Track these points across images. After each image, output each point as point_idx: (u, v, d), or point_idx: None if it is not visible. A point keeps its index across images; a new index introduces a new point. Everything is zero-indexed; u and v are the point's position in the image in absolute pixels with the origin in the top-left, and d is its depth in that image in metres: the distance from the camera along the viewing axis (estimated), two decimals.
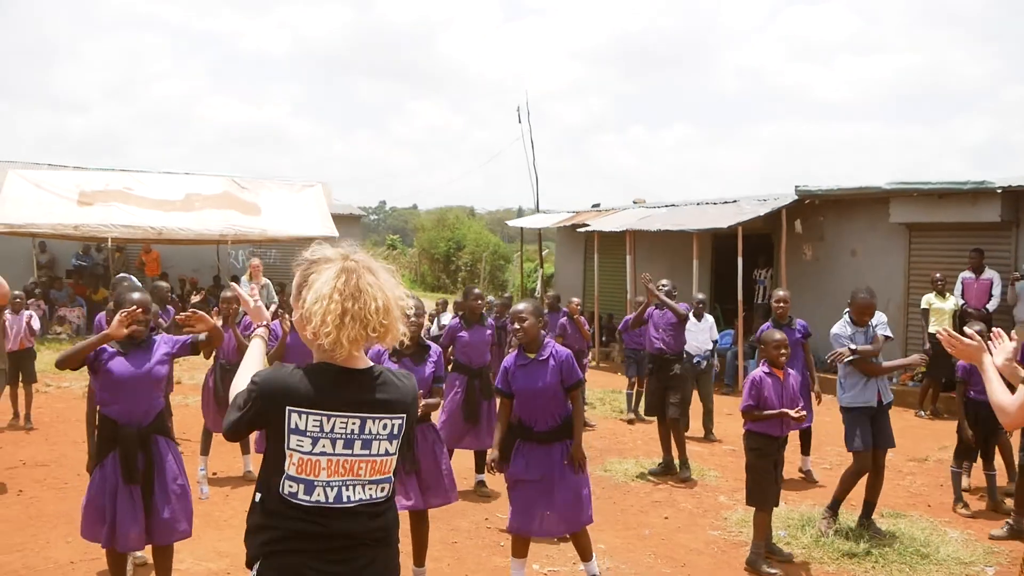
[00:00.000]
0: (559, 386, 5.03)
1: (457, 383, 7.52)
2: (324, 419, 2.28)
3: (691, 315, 10.19)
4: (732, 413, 10.17)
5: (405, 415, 2.41)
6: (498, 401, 5.31)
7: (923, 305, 11.84)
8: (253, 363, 2.58)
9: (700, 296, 10.52)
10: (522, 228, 22.43)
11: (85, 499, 4.29)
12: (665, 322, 8.53)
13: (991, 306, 11.33)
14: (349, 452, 2.31)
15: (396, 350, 5.05)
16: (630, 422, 11.12)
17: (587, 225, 17.25)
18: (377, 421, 2.35)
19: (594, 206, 21.08)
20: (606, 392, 13.15)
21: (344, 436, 2.30)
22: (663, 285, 8.74)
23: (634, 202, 20.91)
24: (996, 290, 11.40)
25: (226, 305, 7.69)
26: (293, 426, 2.27)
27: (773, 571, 5.63)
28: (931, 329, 11.44)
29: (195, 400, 9.67)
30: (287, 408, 2.27)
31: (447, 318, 13.56)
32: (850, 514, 6.60)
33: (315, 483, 2.28)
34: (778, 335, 5.88)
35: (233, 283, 9.66)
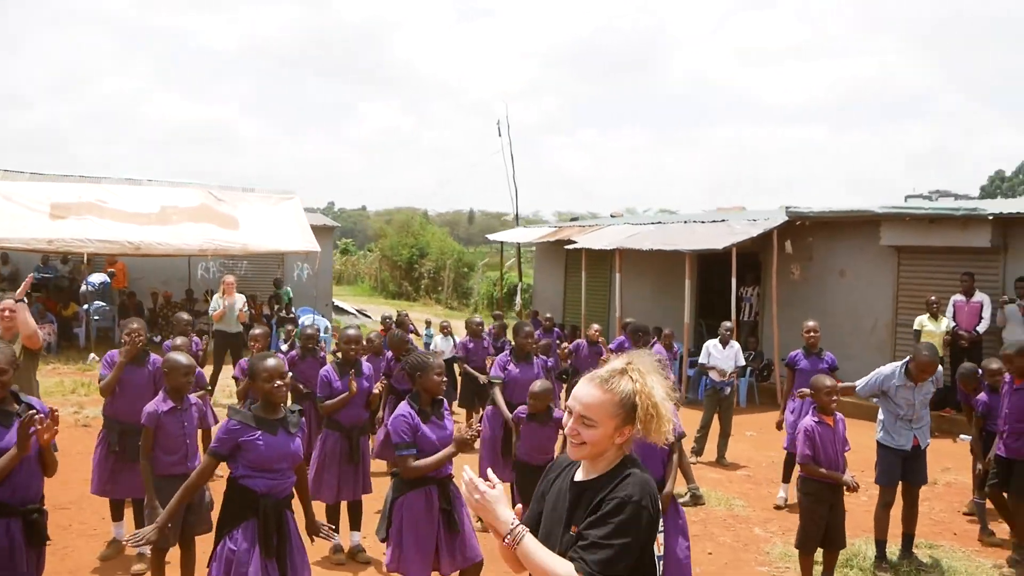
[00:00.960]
0: None
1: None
2: None
3: (718, 342, 10.37)
4: (733, 434, 10.35)
5: None
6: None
7: (915, 327, 12.20)
8: None
9: (727, 324, 10.67)
10: (502, 242, 22.47)
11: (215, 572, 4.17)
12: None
13: (981, 328, 11.71)
14: None
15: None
16: None
17: (573, 241, 17.35)
18: None
19: (573, 219, 21.23)
20: None
21: None
22: (628, 322, 9.12)
23: (612, 215, 21.13)
24: (986, 312, 11.77)
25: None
26: None
27: None
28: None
29: None
30: None
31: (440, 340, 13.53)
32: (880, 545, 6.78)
33: None
34: (828, 381, 6.00)
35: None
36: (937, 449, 10.87)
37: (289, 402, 5.43)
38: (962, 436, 11.96)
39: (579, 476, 2.51)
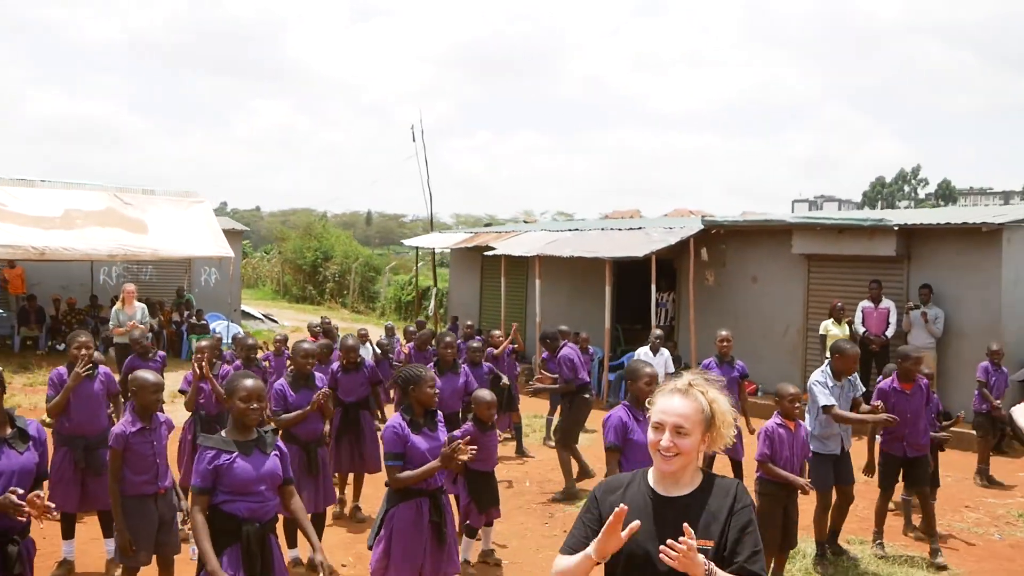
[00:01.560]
0: None
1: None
2: None
3: (648, 349, 10.72)
4: None
5: None
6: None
7: (821, 331, 12.85)
8: None
9: (658, 332, 11.01)
10: (417, 248, 22.46)
11: None
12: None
13: (889, 333, 12.39)
14: None
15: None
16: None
17: (490, 247, 17.52)
18: None
19: (487, 225, 21.40)
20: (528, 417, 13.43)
21: None
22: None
23: (524, 221, 21.37)
24: (893, 318, 12.46)
25: (200, 355, 7.54)
26: None
27: None
28: (828, 355, 12.40)
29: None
30: None
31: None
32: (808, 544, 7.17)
33: None
34: (792, 388, 6.32)
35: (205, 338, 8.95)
36: (858, 450, 11.54)
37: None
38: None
39: (666, 492, 2.71)
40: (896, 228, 12.44)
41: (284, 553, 6.63)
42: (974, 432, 10.24)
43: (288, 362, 11.30)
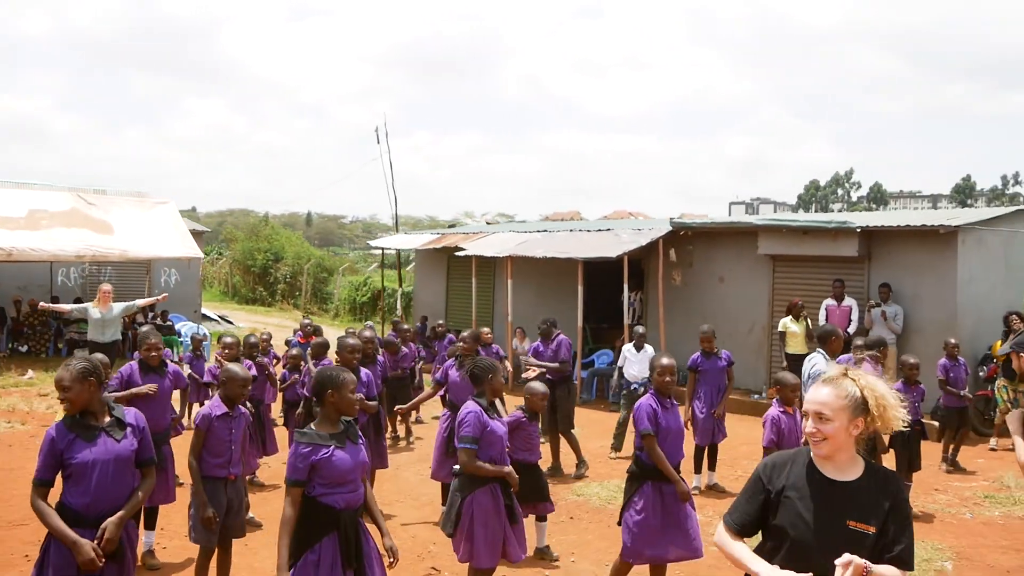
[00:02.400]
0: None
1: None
2: None
3: (632, 346, 11.22)
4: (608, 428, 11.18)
5: None
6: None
7: (780, 328, 13.47)
8: None
9: (640, 329, 11.49)
10: (383, 249, 22.65)
11: None
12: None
13: (851, 330, 13.03)
14: None
15: None
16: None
17: (462, 248, 17.85)
18: None
19: (451, 226, 21.72)
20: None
21: None
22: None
23: (487, 223, 21.75)
24: (855, 315, 13.14)
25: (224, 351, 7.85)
26: None
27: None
28: (787, 350, 13.11)
29: None
30: None
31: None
32: None
33: None
34: (792, 379, 6.82)
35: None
36: None
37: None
38: None
39: (835, 476, 2.98)
40: (858, 230, 13.13)
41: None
42: (936, 424, 10.99)
43: (274, 359, 11.62)
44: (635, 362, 11.08)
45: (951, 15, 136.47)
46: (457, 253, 17.75)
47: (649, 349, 11.33)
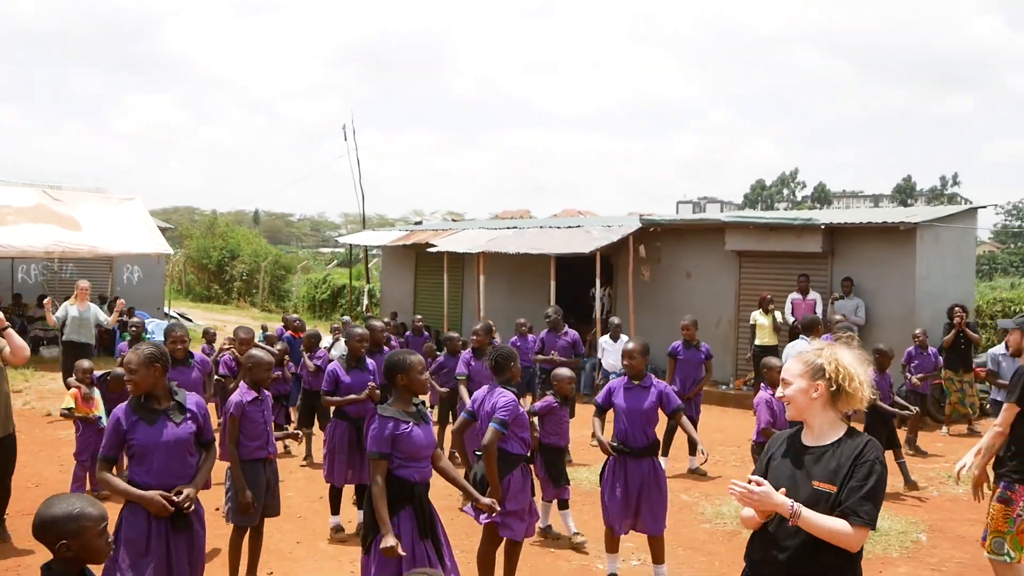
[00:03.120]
0: (655, 409, 6.19)
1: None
2: None
3: (609, 337, 11.63)
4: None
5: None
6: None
7: (751, 321, 14.02)
8: None
9: (615, 320, 11.89)
10: (350, 245, 22.79)
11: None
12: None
13: None
14: None
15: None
16: None
17: (434, 245, 18.11)
18: None
19: (416, 223, 21.96)
20: None
21: None
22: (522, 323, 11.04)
23: (453, 220, 22.05)
24: (819, 308, 13.72)
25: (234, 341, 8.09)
26: None
27: None
28: (756, 342, 13.68)
29: None
30: None
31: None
32: None
33: None
34: (777, 362, 7.29)
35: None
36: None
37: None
38: None
39: (810, 443, 3.26)
40: (823, 227, 13.72)
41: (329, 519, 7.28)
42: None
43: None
44: (612, 352, 11.47)
45: (893, 20, 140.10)
46: (429, 249, 18.01)
47: (624, 339, 11.75)
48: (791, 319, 13.77)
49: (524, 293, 17.80)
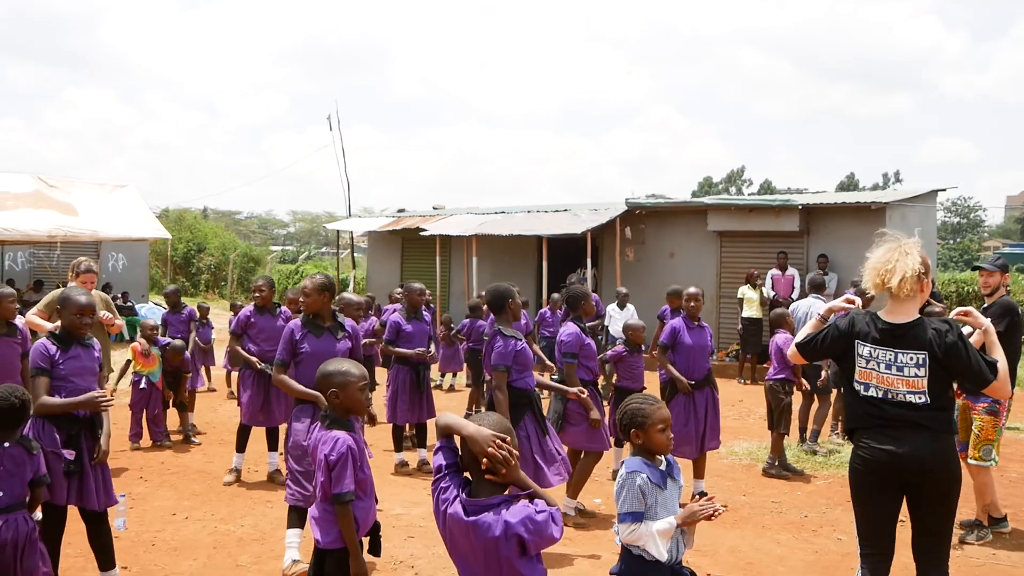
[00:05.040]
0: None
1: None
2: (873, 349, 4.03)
3: (616, 305, 12.56)
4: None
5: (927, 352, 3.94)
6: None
7: (739, 295, 15.07)
8: None
9: (622, 289, 12.83)
10: (338, 231, 23.42)
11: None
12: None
13: (794, 295, 14.72)
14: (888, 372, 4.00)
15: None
16: None
17: (423, 230, 18.87)
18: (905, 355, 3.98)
19: (399, 211, 22.70)
20: None
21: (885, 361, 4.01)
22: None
23: (434, 207, 22.80)
24: (797, 283, 14.83)
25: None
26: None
27: (786, 472, 8.10)
28: (744, 314, 14.72)
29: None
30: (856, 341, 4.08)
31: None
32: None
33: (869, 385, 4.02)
34: (785, 311, 8.35)
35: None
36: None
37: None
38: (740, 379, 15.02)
39: (899, 320, 4.01)
40: (800, 207, 14.82)
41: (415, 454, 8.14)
42: None
43: None
44: (619, 319, 12.42)
45: (831, 19, 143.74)
46: (423, 233, 18.76)
47: (631, 307, 12.70)
48: (771, 293, 14.85)
49: (511, 275, 18.64)
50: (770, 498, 7.54)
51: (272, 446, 7.90)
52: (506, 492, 2.76)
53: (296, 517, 5.38)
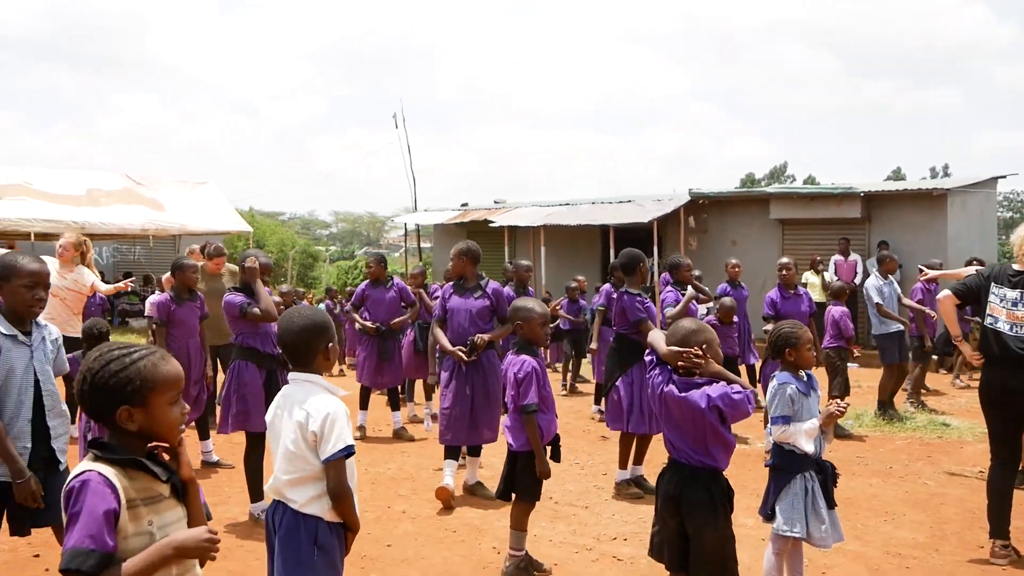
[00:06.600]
0: None
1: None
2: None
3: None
4: None
5: None
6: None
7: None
8: None
9: (697, 272, 13.45)
10: (406, 224, 24.33)
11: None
12: None
13: (858, 280, 15.29)
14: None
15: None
16: None
17: (490, 222, 19.62)
18: None
19: (463, 205, 23.51)
20: None
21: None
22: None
23: (495, 202, 23.57)
24: (859, 268, 15.38)
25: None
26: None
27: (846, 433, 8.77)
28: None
29: None
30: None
31: None
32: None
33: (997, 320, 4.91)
34: (842, 284, 9.00)
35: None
36: None
37: None
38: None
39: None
40: (862, 194, 15.38)
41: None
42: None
43: None
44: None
45: (877, 11, 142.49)
46: (491, 224, 19.52)
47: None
48: (834, 278, 15.41)
49: (575, 265, 19.34)
50: (854, 454, 8.19)
51: (395, 406, 8.72)
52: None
53: (452, 451, 6.20)
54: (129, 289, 19.04)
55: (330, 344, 3.09)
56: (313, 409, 2.92)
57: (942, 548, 5.39)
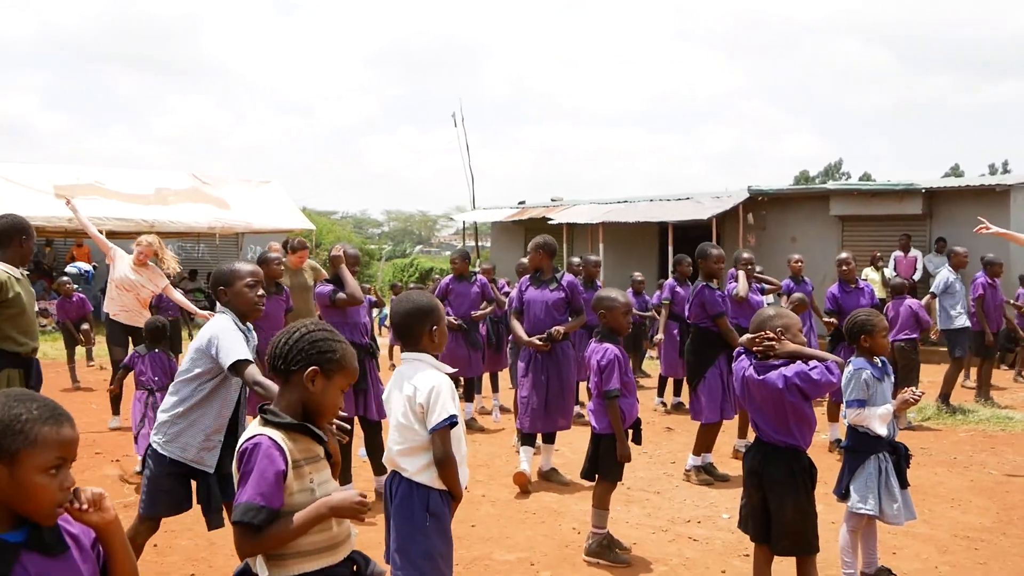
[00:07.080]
0: None
1: None
2: None
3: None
4: None
5: None
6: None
7: (862, 277, 15.62)
8: None
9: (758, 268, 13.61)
10: (463, 222, 24.73)
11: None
12: None
13: (917, 276, 15.27)
14: None
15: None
16: None
17: (549, 219, 19.89)
18: None
19: (520, 203, 23.81)
20: None
21: None
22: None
23: (552, 199, 23.84)
24: (919, 264, 15.36)
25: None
26: None
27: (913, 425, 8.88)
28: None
29: None
30: None
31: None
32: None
33: None
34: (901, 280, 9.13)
35: None
36: None
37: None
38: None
39: None
40: (923, 191, 15.35)
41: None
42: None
43: None
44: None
45: (930, 5, 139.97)
46: (550, 222, 19.79)
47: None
48: (892, 274, 15.40)
49: (635, 261, 19.52)
50: (918, 445, 8.30)
51: (468, 397, 9.05)
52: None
53: (528, 438, 6.49)
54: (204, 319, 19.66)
55: (434, 327, 3.36)
56: (420, 383, 3.21)
57: (1009, 532, 5.55)
